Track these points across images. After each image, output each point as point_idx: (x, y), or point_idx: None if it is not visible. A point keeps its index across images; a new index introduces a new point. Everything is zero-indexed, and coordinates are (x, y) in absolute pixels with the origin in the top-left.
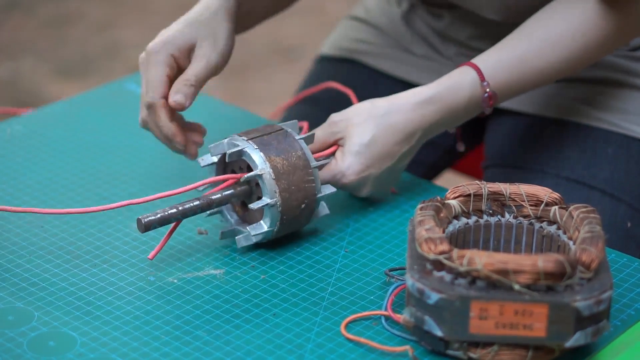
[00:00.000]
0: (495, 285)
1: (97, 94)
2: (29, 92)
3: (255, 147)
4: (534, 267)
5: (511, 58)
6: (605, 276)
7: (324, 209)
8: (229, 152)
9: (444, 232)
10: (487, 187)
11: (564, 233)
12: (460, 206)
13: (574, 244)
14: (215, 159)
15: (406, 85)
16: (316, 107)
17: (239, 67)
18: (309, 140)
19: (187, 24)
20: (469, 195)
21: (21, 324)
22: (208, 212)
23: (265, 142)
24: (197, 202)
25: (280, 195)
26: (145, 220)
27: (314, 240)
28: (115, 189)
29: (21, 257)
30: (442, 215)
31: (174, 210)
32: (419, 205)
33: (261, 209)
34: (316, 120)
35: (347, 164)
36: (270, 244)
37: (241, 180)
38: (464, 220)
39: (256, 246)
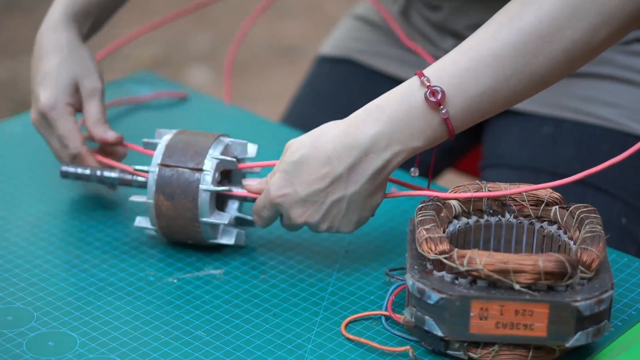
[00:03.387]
0: (495, 285)
1: None
2: (29, 91)
3: (156, 177)
4: (535, 267)
5: (456, 52)
6: (606, 276)
7: (229, 239)
8: (135, 167)
9: (444, 232)
10: (487, 187)
11: (565, 233)
12: (460, 206)
13: (575, 243)
14: (142, 168)
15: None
16: (315, 107)
17: (239, 67)
18: (216, 194)
19: (57, 66)
20: None
21: (20, 324)
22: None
23: (167, 175)
24: (115, 175)
25: (160, 228)
26: (63, 169)
27: (314, 240)
28: None
29: (21, 257)
30: (442, 215)
31: (94, 172)
32: (419, 205)
33: None
34: (316, 120)
35: (272, 180)
36: (270, 244)
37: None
38: (464, 220)
39: (256, 246)
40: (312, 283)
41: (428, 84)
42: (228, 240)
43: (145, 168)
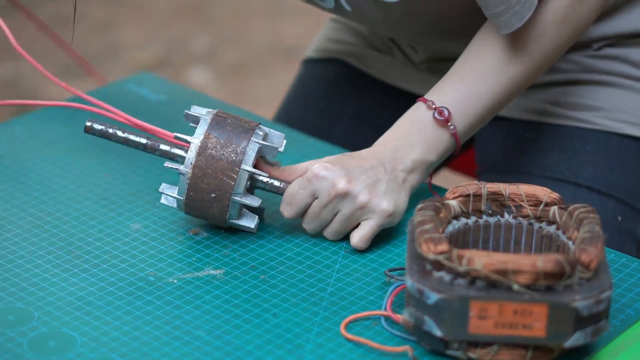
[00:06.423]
0: (494, 285)
1: (97, 94)
2: (29, 92)
3: (209, 121)
4: (534, 267)
5: (452, 80)
6: (604, 276)
7: (248, 221)
8: (186, 111)
9: (443, 232)
10: (486, 187)
11: (564, 233)
12: (459, 206)
13: (574, 243)
14: (194, 112)
15: (390, 85)
16: (306, 106)
17: (239, 67)
18: (267, 150)
19: None
20: (469, 195)
21: (21, 323)
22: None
23: (221, 123)
24: (143, 140)
25: (193, 169)
26: (89, 123)
27: (314, 240)
28: (115, 189)
29: (21, 257)
30: (441, 215)
31: (120, 132)
32: (419, 206)
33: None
34: (306, 119)
35: (316, 165)
36: (270, 244)
37: (174, 137)
38: (463, 220)
39: (256, 246)
40: (312, 283)
41: (434, 106)
42: (249, 223)
43: (192, 112)
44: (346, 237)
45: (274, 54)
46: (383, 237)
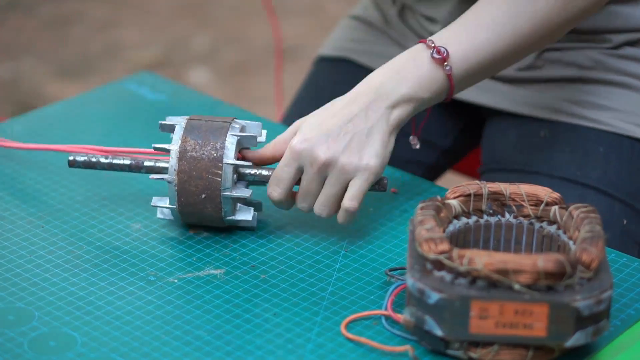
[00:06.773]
0: (495, 285)
1: (97, 94)
2: (29, 92)
3: (184, 126)
4: (534, 266)
5: (455, 27)
6: (605, 276)
7: (244, 214)
8: (161, 122)
9: (444, 232)
10: (487, 187)
11: (564, 233)
12: (460, 206)
13: (574, 243)
14: (169, 122)
15: None
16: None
17: (239, 67)
18: (246, 140)
19: None
20: (469, 195)
21: (21, 323)
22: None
23: (196, 125)
24: (127, 162)
25: (178, 175)
26: (71, 158)
27: (314, 240)
28: (115, 189)
29: (21, 257)
30: (442, 215)
31: (103, 160)
32: (419, 205)
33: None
34: None
35: (294, 138)
36: (270, 244)
37: (153, 148)
38: (464, 220)
39: (256, 246)
40: (312, 283)
41: (433, 45)
42: (246, 216)
43: (167, 122)
44: (346, 237)
45: (274, 54)
46: (383, 237)
